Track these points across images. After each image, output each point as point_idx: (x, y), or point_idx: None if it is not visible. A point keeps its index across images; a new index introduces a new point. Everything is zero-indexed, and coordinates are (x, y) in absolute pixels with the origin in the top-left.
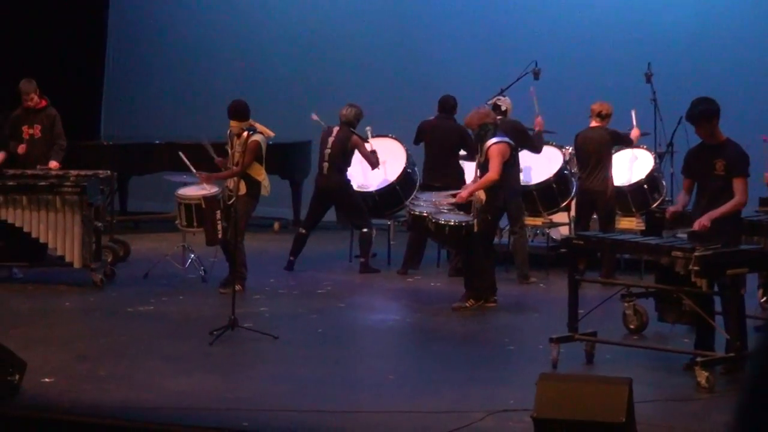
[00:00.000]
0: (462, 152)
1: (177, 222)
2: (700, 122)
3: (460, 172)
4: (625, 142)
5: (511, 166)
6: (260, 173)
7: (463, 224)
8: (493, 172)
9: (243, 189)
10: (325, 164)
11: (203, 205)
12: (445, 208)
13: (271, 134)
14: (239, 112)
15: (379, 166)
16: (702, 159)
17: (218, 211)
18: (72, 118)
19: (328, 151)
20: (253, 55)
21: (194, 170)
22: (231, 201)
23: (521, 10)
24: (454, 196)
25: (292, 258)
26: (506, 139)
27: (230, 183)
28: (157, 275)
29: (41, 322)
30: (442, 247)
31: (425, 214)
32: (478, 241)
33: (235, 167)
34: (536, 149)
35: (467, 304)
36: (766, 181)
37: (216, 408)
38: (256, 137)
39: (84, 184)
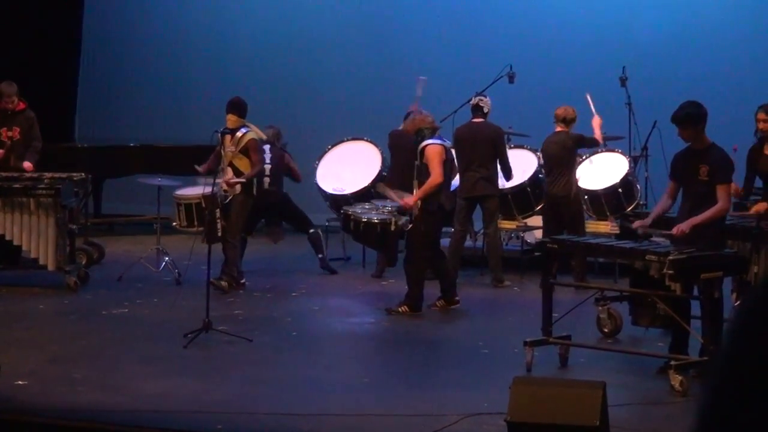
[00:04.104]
0: None
1: (175, 223)
2: (684, 125)
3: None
4: (590, 144)
5: (448, 168)
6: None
7: (377, 221)
8: (436, 176)
9: (238, 188)
10: (267, 179)
11: (203, 204)
12: (385, 210)
13: (263, 136)
14: (239, 107)
15: (301, 179)
16: (687, 163)
17: (218, 210)
18: (46, 120)
19: (268, 166)
20: (228, 58)
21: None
22: (227, 201)
23: (497, 13)
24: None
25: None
26: (439, 141)
27: (224, 184)
28: (131, 278)
29: (15, 324)
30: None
31: (350, 212)
32: (416, 248)
33: (250, 169)
34: (506, 169)
35: (400, 310)
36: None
37: (190, 411)
38: (252, 135)
39: (58, 187)
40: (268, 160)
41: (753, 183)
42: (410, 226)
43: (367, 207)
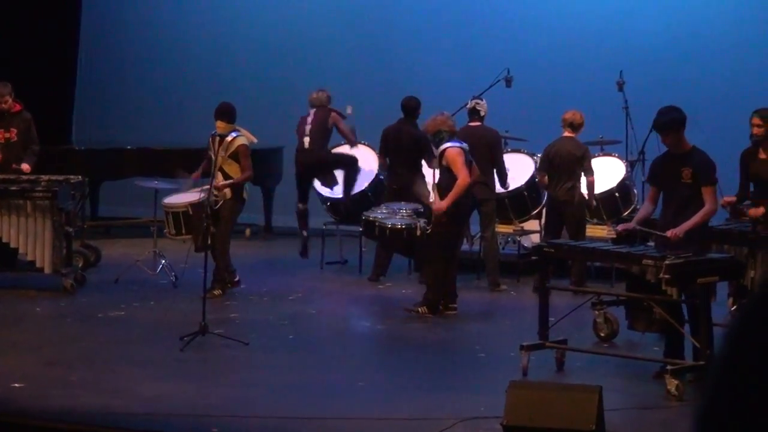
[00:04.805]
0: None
1: (165, 231)
2: (668, 131)
3: (420, 175)
4: (587, 169)
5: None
6: None
7: (404, 227)
8: (464, 177)
9: (229, 193)
10: (306, 138)
11: (190, 212)
12: (405, 214)
13: (254, 140)
14: (227, 113)
15: (356, 144)
16: (668, 167)
17: (207, 217)
18: (43, 122)
19: (308, 127)
20: (225, 61)
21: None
22: (218, 206)
23: (494, 17)
24: (425, 206)
25: (304, 233)
26: (458, 144)
27: (214, 190)
28: (128, 281)
29: (11, 327)
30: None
31: (372, 218)
32: (434, 249)
33: (244, 173)
34: (501, 175)
35: (419, 310)
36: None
37: (186, 414)
38: (242, 140)
39: (55, 189)
40: (309, 122)
41: (748, 188)
42: (429, 229)
43: (385, 211)
